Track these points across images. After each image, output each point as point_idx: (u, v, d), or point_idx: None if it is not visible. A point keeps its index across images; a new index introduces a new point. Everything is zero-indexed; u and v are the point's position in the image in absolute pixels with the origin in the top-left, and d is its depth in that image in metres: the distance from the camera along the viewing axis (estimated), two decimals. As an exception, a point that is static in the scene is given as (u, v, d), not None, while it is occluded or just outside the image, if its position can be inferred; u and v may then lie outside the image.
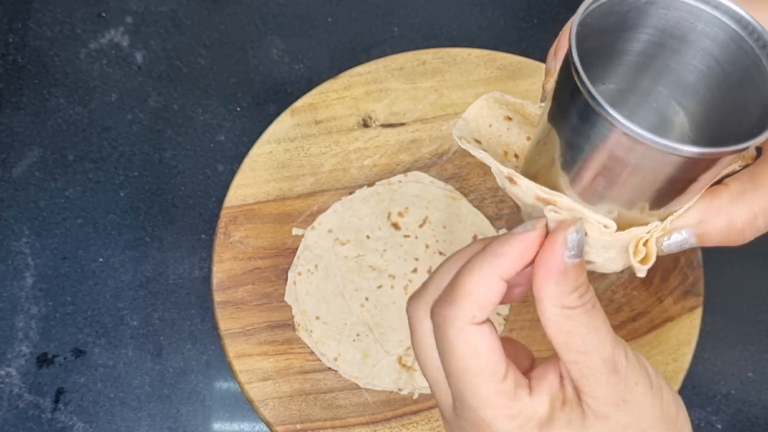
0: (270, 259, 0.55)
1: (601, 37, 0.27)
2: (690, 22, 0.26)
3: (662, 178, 0.24)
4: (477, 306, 0.27)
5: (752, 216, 0.26)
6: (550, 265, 0.27)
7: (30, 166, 0.60)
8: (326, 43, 0.64)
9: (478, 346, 0.27)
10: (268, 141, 0.57)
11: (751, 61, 0.24)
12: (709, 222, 0.27)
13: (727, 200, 0.26)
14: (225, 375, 0.55)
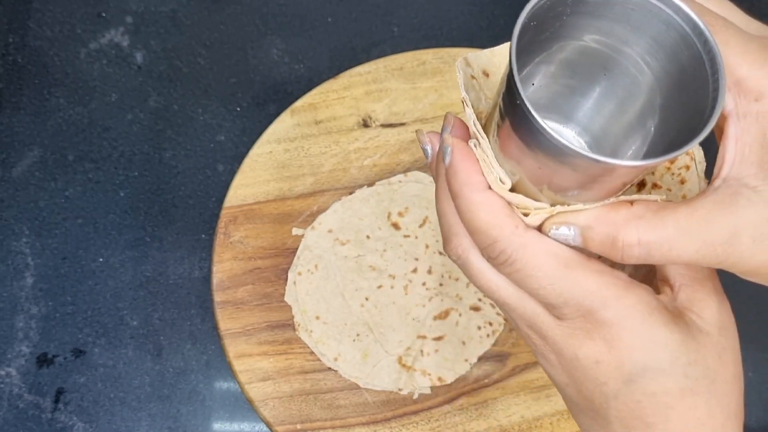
0: (270, 259, 0.55)
1: (544, 30, 0.28)
2: (642, 19, 0.26)
3: (558, 169, 0.25)
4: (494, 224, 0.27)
5: (635, 241, 0.26)
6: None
7: (30, 166, 0.60)
8: (326, 43, 0.64)
9: (539, 240, 0.27)
10: (268, 141, 0.57)
11: (696, 65, 0.25)
12: (596, 229, 0.26)
13: (623, 217, 0.26)
14: (225, 375, 0.55)
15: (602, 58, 0.28)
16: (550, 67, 0.29)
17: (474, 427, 0.51)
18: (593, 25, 0.27)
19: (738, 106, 0.25)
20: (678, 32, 0.25)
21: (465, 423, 0.51)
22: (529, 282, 0.28)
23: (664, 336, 0.27)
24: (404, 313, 0.53)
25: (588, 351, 0.28)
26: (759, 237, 0.25)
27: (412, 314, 0.53)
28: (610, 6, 0.26)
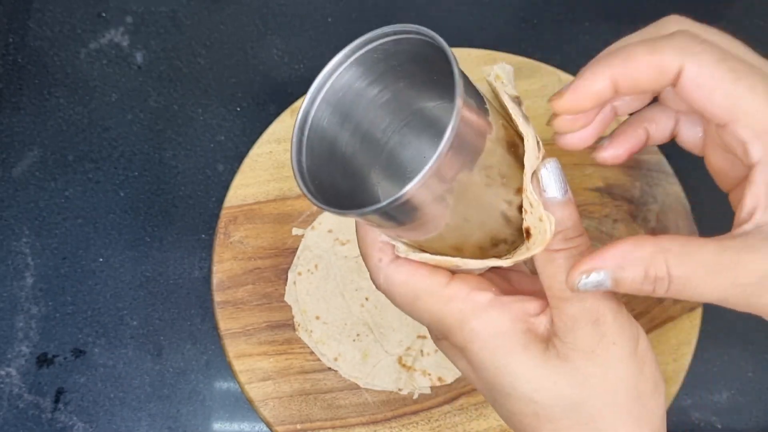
0: (270, 259, 0.55)
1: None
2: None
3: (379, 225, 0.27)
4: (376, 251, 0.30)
5: (665, 274, 0.26)
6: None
7: (30, 166, 0.60)
8: (326, 43, 0.64)
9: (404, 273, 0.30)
10: (268, 141, 0.57)
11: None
12: (626, 269, 0.26)
13: (650, 252, 0.26)
14: (225, 375, 0.55)
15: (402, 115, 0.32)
16: None
17: (474, 427, 0.51)
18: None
19: (767, 154, 0.25)
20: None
21: (465, 423, 0.51)
22: (399, 308, 0.30)
23: (508, 361, 0.28)
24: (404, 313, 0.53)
25: (460, 366, 0.31)
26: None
27: (412, 314, 0.53)
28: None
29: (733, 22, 0.64)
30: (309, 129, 0.28)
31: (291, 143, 0.28)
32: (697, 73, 0.26)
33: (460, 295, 0.29)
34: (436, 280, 0.29)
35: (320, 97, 0.29)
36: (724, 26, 0.64)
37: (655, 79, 0.27)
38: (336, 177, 0.30)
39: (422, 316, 0.30)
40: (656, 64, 0.26)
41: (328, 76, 0.28)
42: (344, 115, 0.30)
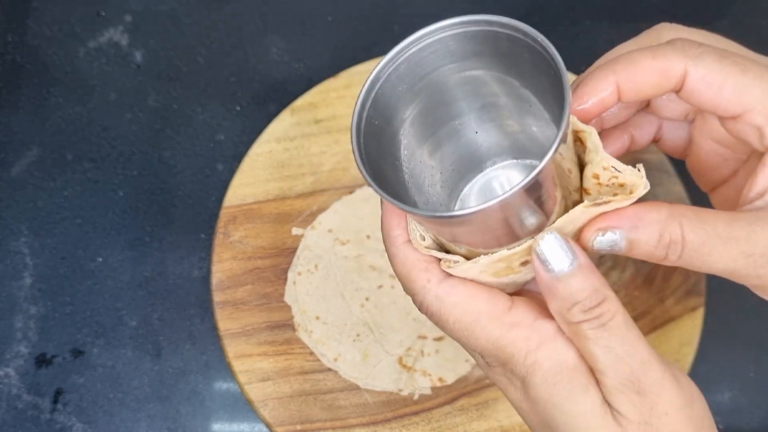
0: (270, 259, 0.54)
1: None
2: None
3: (442, 229, 0.27)
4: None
5: (679, 238, 0.26)
6: (541, 284, 0.27)
7: (29, 166, 0.60)
8: (326, 41, 0.64)
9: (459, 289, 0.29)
10: (267, 140, 0.57)
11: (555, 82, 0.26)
12: (641, 229, 0.26)
13: (666, 215, 0.26)
14: (224, 375, 0.55)
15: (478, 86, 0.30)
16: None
17: (475, 428, 0.51)
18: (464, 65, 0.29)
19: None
20: (541, 56, 0.26)
21: (466, 424, 0.51)
22: (447, 332, 0.29)
23: (567, 401, 0.27)
24: (405, 313, 0.53)
25: (512, 396, 0.29)
26: None
27: (413, 314, 0.53)
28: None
29: (734, 21, 0.64)
30: (369, 106, 0.28)
31: (351, 126, 0.27)
32: (704, 72, 0.27)
33: (526, 322, 0.28)
34: (498, 304, 0.28)
35: (385, 76, 0.28)
36: (724, 25, 0.64)
37: (658, 83, 0.27)
38: (384, 166, 0.29)
39: (478, 341, 0.28)
40: (660, 69, 0.27)
41: (398, 54, 0.28)
42: (420, 76, 0.29)
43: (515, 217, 0.26)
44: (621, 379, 0.26)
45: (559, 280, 0.26)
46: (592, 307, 0.26)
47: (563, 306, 0.26)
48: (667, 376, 0.27)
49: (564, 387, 0.27)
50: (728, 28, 0.64)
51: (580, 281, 0.26)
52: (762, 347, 0.56)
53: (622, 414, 0.27)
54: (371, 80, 0.28)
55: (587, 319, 0.26)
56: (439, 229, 0.27)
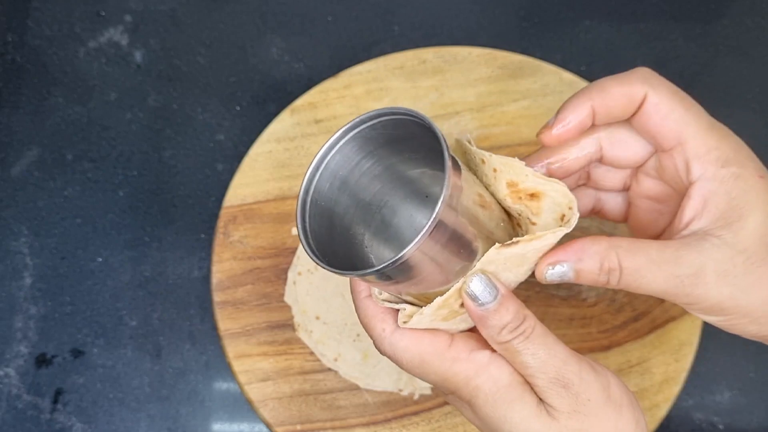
0: (270, 259, 0.54)
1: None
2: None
3: (382, 283, 0.32)
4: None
5: (616, 266, 0.31)
6: (473, 317, 0.32)
7: (29, 166, 0.60)
8: (326, 41, 0.64)
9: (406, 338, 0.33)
10: (267, 140, 0.57)
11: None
12: (584, 260, 0.31)
13: (605, 247, 0.31)
14: (224, 375, 0.55)
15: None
16: None
17: (475, 428, 0.51)
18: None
19: (706, 171, 0.31)
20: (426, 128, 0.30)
21: (466, 424, 0.51)
22: (404, 370, 0.34)
23: (507, 411, 0.32)
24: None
25: (466, 415, 0.35)
26: (722, 273, 0.30)
27: (413, 314, 0.53)
28: None
29: (734, 21, 0.64)
30: (312, 194, 0.33)
31: (296, 207, 0.32)
32: (658, 100, 0.31)
33: (463, 356, 0.33)
34: (439, 344, 0.33)
35: (322, 167, 0.33)
36: (724, 25, 0.64)
37: (625, 106, 0.32)
38: (334, 239, 0.33)
39: (429, 376, 0.33)
40: (627, 93, 0.31)
41: (329, 149, 0.33)
42: (343, 182, 0.34)
43: (435, 263, 0.30)
44: (549, 377, 0.32)
45: (489, 311, 0.31)
46: (517, 326, 0.32)
47: (494, 331, 0.32)
48: (584, 367, 0.32)
49: (503, 402, 0.32)
50: (728, 28, 0.64)
51: (505, 309, 0.31)
52: (762, 347, 0.56)
53: (554, 407, 0.32)
54: (310, 171, 0.33)
55: (515, 337, 0.32)
56: (381, 286, 0.32)
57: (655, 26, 0.64)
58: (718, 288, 0.31)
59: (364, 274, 0.29)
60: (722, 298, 0.31)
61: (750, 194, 0.31)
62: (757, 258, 0.31)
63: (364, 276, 0.29)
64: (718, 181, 0.31)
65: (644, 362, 0.51)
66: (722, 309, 0.32)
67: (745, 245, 0.31)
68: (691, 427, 0.54)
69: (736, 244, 0.30)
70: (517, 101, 0.57)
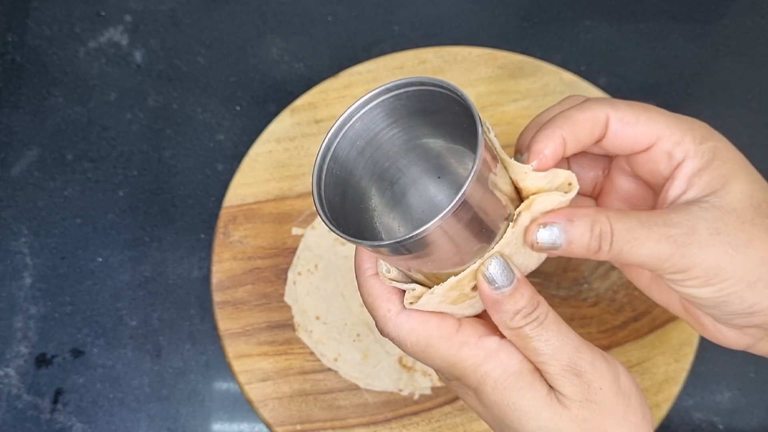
0: (270, 259, 0.54)
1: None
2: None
3: (395, 258, 0.31)
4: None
5: (608, 228, 0.31)
6: (486, 300, 0.31)
7: (29, 166, 0.60)
8: (326, 41, 0.64)
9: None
10: (267, 140, 0.57)
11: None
12: (575, 222, 0.31)
13: (595, 210, 0.31)
14: (224, 375, 0.55)
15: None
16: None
17: (475, 428, 0.51)
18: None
19: (688, 152, 0.32)
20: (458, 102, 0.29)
21: (466, 424, 0.51)
22: (408, 353, 0.33)
23: (517, 398, 0.32)
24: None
25: (470, 402, 0.35)
26: (714, 231, 0.30)
27: (413, 314, 0.53)
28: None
29: (734, 21, 0.64)
30: (329, 160, 0.32)
31: (312, 173, 0.31)
32: (620, 114, 0.32)
33: (471, 341, 0.32)
34: (446, 327, 0.32)
35: (342, 133, 0.32)
36: (724, 25, 0.64)
37: (591, 129, 0.33)
38: (346, 208, 0.33)
39: (434, 361, 0.33)
40: (591, 118, 0.32)
41: (350, 116, 0.32)
42: (360, 151, 0.33)
43: (453, 242, 0.29)
44: (561, 365, 0.31)
45: (504, 295, 0.31)
46: (530, 312, 0.31)
47: (507, 316, 0.31)
48: (597, 356, 0.32)
49: (513, 388, 0.32)
50: (728, 28, 0.64)
51: (521, 294, 0.31)
52: (762, 347, 0.56)
53: (565, 395, 0.31)
54: (330, 135, 0.32)
55: (528, 323, 0.31)
56: (392, 260, 0.31)
57: (655, 26, 0.64)
58: (712, 246, 0.30)
59: (384, 245, 0.28)
60: (717, 257, 0.30)
61: (731, 163, 0.32)
62: (747, 218, 0.31)
63: (383, 247, 0.28)
64: (699, 156, 0.32)
65: (644, 362, 0.51)
66: (718, 272, 0.31)
67: (734, 206, 0.31)
68: (691, 427, 0.54)
69: (724, 206, 0.31)
70: (517, 101, 0.57)
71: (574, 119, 0.32)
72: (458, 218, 0.28)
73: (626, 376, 0.33)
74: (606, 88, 0.59)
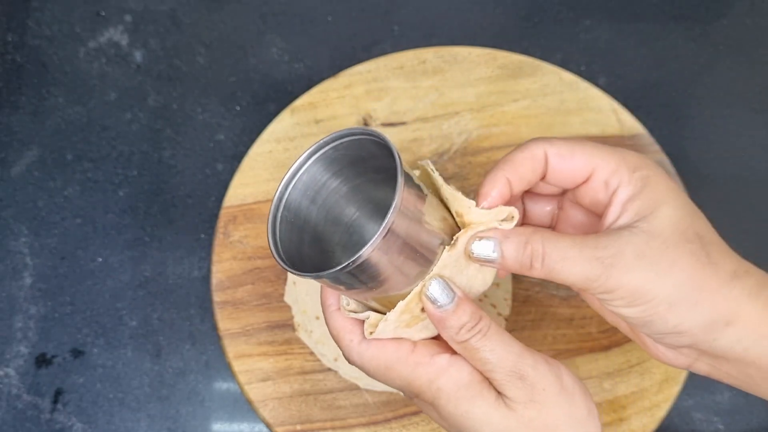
0: (270, 259, 0.54)
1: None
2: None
3: (343, 289, 0.34)
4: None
5: (540, 249, 0.33)
6: (432, 319, 0.34)
7: (29, 166, 0.60)
8: (326, 41, 0.64)
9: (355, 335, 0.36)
10: (267, 140, 0.57)
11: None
12: (510, 238, 0.34)
13: (531, 231, 0.34)
14: (224, 375, 0.55)
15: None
16: None
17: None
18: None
19: (622, 179, 0.34)
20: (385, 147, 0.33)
21: (466, 424, 0.51)
22: (372, 377, 0.36)
23: (469, 408, 0.34)
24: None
25: (431, 415, 0.37)
26: (639, 254, 0.32)
27: (413, 314, 0.53)
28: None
29: (734, 21, 0.64)
30: (283, 209, 0.35)
31: (267, 221, 0.34)
32: (557, 150, 0.35)
33: (425, 360, 0.35)
34: (402, 350, 0.35)
35: (292, 185, 0.35)
36: (724, 25, 0.64)
37: (533, 168, 0.35)
38: (303, 251, 0.36)
39: (395, 382, 0.36)
40: (529, 156, 0.35)
41: (298, 168, 0.35)
42: (312, 199, 0.36)
43: (392, 266, 0.32)
44: (506, 371, 0.34)
45: (447, 312, 0.34)
46: (474, 325, 0.34)
47: (452, 331, 0.34)
48: (538, 360, 0.34)
49: (464, 399, 0.34)
50: (728, 28, 0.64)
51: (462, 310, 0.34)
52: (762, 347, 0.56)
53: (512, 398, 0.34)
54: (281, 187, 0.35)
55: (473, 335, 0.34)
56: (347, 292, 0.34)
57: (655, 26, 0.64)
58: (636, 269, 0.32)
59: (323, 275, 0.31)
60: (640, 279, 0.32)
61: (661, 191, 0.34)
62: (672, 242, 0.33)
63: (325, 277, 0.31)
64: (632, 183, 0.34)
65: (644, 362, 0.51)
66: (642, 293, 0.33)
67: (660, 231, 0.33)
68: (691, 427, 0.54)
69: (651, 230, 0.33)
70: (517, 101, 0.57)
71: (514, 160, 0.35)
72: (388, 245, 0.31)
73: (569, 375, 0.35)
74: (606, 88, 0.59)
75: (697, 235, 0.33)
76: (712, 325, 0.33)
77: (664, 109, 0.61)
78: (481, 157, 0.56)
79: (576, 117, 0.57)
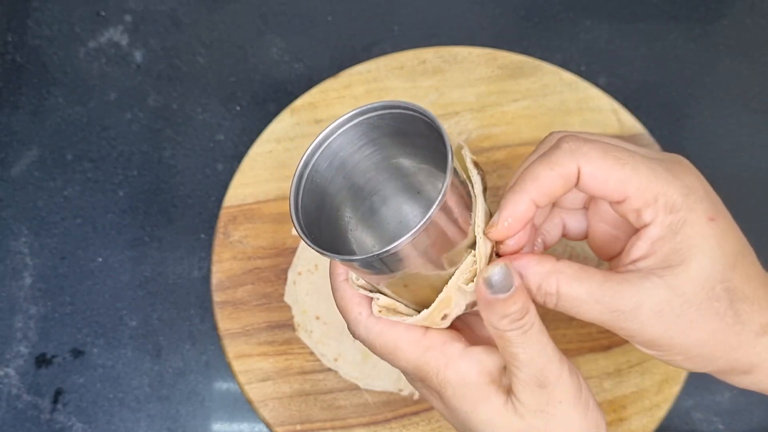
0: (270, 259, 0.54)
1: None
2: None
3: (362, 271, 0.32)
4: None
5: (554, 291, 0.32)
6: (480, 298, 0.32)
7: (28, 166, 0.60)
8: (326, 41, 0.64)
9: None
10: (267, 140, 0.57)
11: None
12: (526, 278, 0.33)
13: (548, 270, 0.32)
14: (224, 375, 0.55)
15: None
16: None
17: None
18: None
19: (656, 217, 0.32)
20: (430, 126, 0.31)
21: (466, 424, 0.51)
22: (376, 354, 0.35)
23: (474, 408, 0.33)
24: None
25: (434, 403, 0.36)
26: (658, 312, 0.31)
27: (413, 314, 0.53)
28: None
29: (734, 21, 0.64)
30: (309, 170, 0.33)
31: (291, 181, 0.32)
32: (591, 169, 0.32)
33: (436, 346, 0.34)
34: (414, 331, 0.34)
35: (324, 146, 0.33)
36: (724, 26, 0.64)
37: (562, 186, 0.33)
38: (322, 219, 0.34)
39: (400, 362, 0.34)
40: (560, 175, 0.32)
41: (334, 130, 0.33)
42: (341, 164, 0.34)
43: (420, 262, 0.31)
44: (530, 374, 0.32)
45: (499, 299, 0.32)
46: (518, 318, 0.32)
47: (495, 317, 0.32)
48: (564, 369, 0.33)
49: (469, 399, 0.33)
50: (728, 28, 0.64)
51: (513, 300, 0.32)
52: (762, 347, 0.56)
53: (523, 403, 0.33)
54: (312, 148, 0.33)
55: (513, 329, 0.32)
56: (360, 273, 0.33)
57: (655, 26, 0.64)
58: (652, 326, 0.32)
59: (350, 260, 0.30)
60: (656, 335, 0.32)
61: (695, 239, 0.32)
62: (695, 302, 0.32)
63: (349, 262, 0.30)
64: (665, 226, 0.32)
65: (644, 362, 0.51)
66: (657, 345, 0.33)
67: (684, 289, 0.31)
68: (691, 428, 0.54)
69: (676, 286, 0.31)
70: (517, 101, 0.57)
71: (542, 180, 0.33)
72: (421, 239, 0.30)
73: (586, 388, 0.34)
74: (606, 88, 0.59)
75: (727, 290, 0.32)
76: (730, 371, 0.34)
77: (664, 109, 0.61)
78: (481, 157, 0.56)
79: (576, 117, 0.57)
